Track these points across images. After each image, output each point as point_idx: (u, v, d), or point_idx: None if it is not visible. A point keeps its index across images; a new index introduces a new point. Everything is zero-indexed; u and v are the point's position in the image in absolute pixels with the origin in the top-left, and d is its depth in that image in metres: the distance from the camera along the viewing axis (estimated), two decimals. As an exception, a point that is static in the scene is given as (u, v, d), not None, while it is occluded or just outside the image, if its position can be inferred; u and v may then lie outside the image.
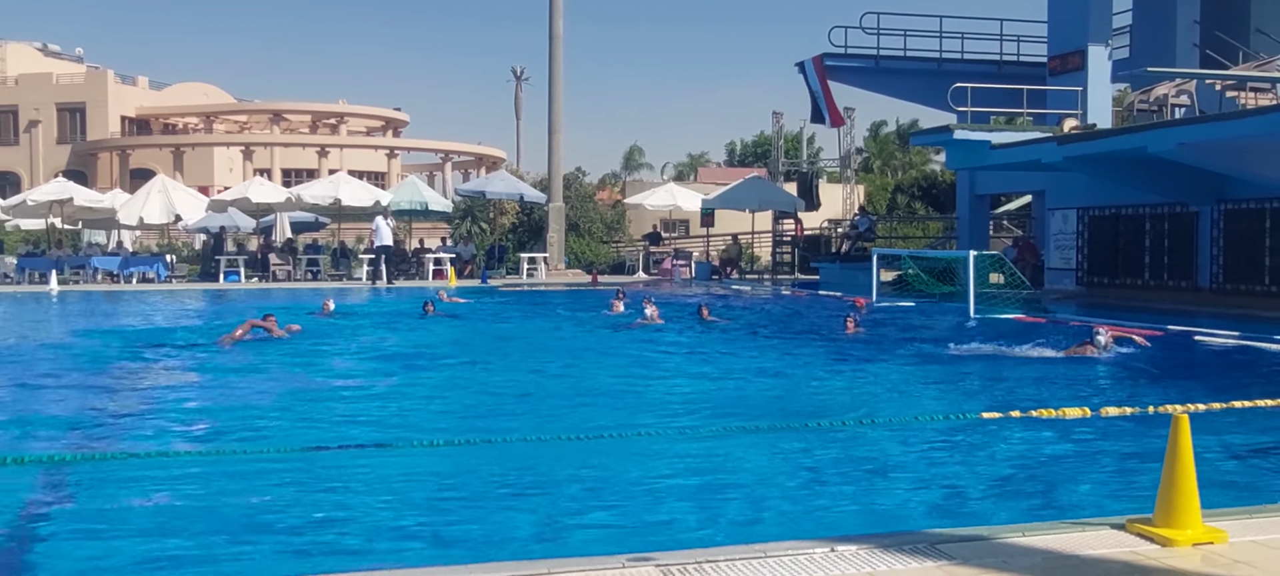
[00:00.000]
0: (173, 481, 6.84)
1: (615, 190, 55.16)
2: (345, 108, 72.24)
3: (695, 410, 10.01)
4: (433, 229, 44.93)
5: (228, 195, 33.24)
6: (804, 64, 31.69)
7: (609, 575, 4.39)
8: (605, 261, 38.34)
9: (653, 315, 17.56)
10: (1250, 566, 4.50)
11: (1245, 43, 23.90)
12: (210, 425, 9.10)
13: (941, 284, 21.76)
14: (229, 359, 13.40)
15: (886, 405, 10.38)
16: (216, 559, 5.45)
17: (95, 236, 37.87)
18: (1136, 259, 23.39)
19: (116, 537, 5.73)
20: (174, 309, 22.70)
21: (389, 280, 29.35)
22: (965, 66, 29.38)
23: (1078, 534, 4.95)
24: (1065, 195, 25.24)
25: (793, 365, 13.35)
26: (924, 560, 4.55)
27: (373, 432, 8.84)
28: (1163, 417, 6.69)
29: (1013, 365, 12.98)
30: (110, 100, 65.16)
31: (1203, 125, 19.42)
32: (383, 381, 11.84)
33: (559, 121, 35.26)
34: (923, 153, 57.21)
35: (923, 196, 47.58)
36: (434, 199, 36.45)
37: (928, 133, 27.84)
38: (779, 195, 36.27)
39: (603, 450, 7.52)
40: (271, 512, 6.22)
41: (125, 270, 30.34)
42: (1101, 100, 25.25)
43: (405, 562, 5.07)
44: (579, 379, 12.17)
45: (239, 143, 65.93)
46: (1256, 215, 20.57)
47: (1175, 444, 4.85)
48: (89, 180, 55.77)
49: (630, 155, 74.74)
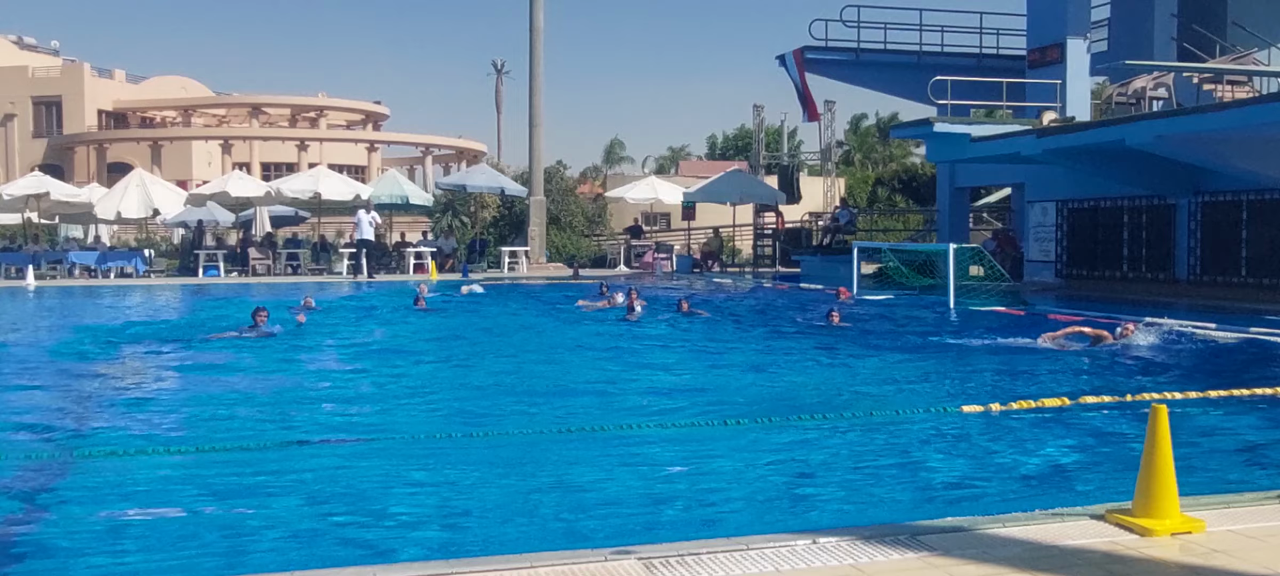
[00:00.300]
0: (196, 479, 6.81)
1: (596, 183, 55.10)
2: (325, 101, 71.87)
3: (675, 402, 10.02)
4: (413, 223, 44.77)
5: (206, 189, 33.04)
6: (785, 57, 31.73)
7: (591, 568, 4.39)
8: (586, 255, 38.31)
9: (637, 307, 17.57)
10: (1227, 555, 4.54)
11: (1222, 36, 24.06)
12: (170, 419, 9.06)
13: (922, 276, 21.85)
14: (216, 355, 13.34)
15: (868, 397, 10.41)
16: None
17: (73, 231, 37.61)
18: (1115, 251, 23.54)
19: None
20: (162, 303, 22.57)
21: (370, 274, 29.26)
22: (945, 60, 29.47)
23: (1057, 524, 4.99)
24: (1045, 188, 25.37)
25: (773, 357, 13.37)
26: (905, 551, 4.57)
27: (354, 426, 8.82)
28: (1140, 406, 6.75)
29: (991, 355, 13.04)
30: (87, 94, 64.62)
31: (1180, 118, 19.56)
32: (365, 376, 11.81)
33: (540, 115, 35.20)
34: (903, 145, 57.37)
35: (903, 189, 47.72)
36: (414, 193, 36.31)
37: (908, 126, 27.93)
38: (760, 188, 36.33)
39: (583, 443, 7.52)
40: (245, 510, 6.20)
41: (103, 265, 30.15)
42: (1080, 93, 25.39)
43: (385, 559, 5.05)
44: (559, 372, 12.16)
45: (217, 136, 65.51)
46: (1233, 207, 20.74)
47: (1153, 434, 4.88)
48: (66, 174, 55.22)
49: (611, 148, 74.87)
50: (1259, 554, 4.55)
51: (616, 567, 4.39)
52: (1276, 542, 4.71)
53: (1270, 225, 19.97)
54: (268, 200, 33.15)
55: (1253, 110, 17.83)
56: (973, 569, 4.35)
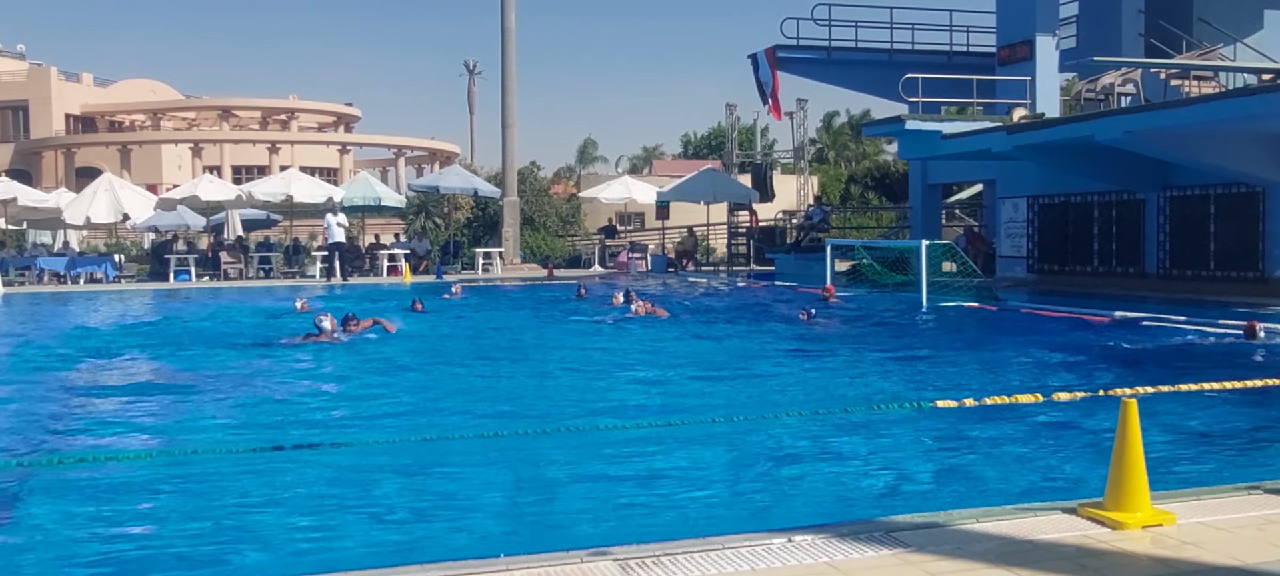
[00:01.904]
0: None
1: (570, 184, 54.98)
2: (296, 103, 71.50)
3: (650, 402, 10.02)
4: (386, 225, 44.60)
5: (177, 193, 32.74)
6: (757, 56, 31.82)
7: (567, 569, 4.38)
8: (561, 255, 38.26)
9: (640, 308, 17.59)
10: (1198, 547, 4.59)
11: (1188, 32, 24.31)
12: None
13: (895, 273, 21.96)
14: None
15: (842, 393, 10.46)
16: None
17: (41, 236, 37.19)
18: (1085, 246, 23.74)
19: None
20: (144, 308, 22.37)
21: (344, 277, 29.10)
22: (916, 57, 29.62)
23: (1030, 519, 5.02)
24: (1016, 184, 25.55)
25: (749, 355, 13.39)
26: (880, 548, 4.59)
27: (331, 431, 8.77)
28: (1112, 400, 6.80)
29: (964, 350, 13.12)
30: (54, 97, 64.02)
31: (1148, 113, 19.74)
32: (354, 381, 11.75)
33: (512, 115, 35.13)
34: (875, 143, 57.56)
35: (876, 186, 47.93)
36: (387, 194, 36.18)
37: (880, 123, 28.06)
38: (733, 187, 36.40)
39: (559, 444, 7.51)
40: (220, 513, 6.16)
41: (72, 270, 29.84)
42: (1049, 89, 25.58)
43: (361, 562, 5.02)
44: (536, 372, 12.13)
45: (187, 140, 65.05)
46: (1201, 201, 20.95)
47: (1124, 428, 4.93)
48: (33, 179, 54.75)
49: (585, 148, 74.67)
50: (1228, 545, 4.61)
51: (593, 568, 4.39)
52: (1246, 534, 4.77)
53: (1238, 219, 20.19)
54: (239, 204, 32.92)
55: (1219, 105, 18.01)
56: (947, 564, 4.38)
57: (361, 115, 76.37)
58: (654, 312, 17.97)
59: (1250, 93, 18.21)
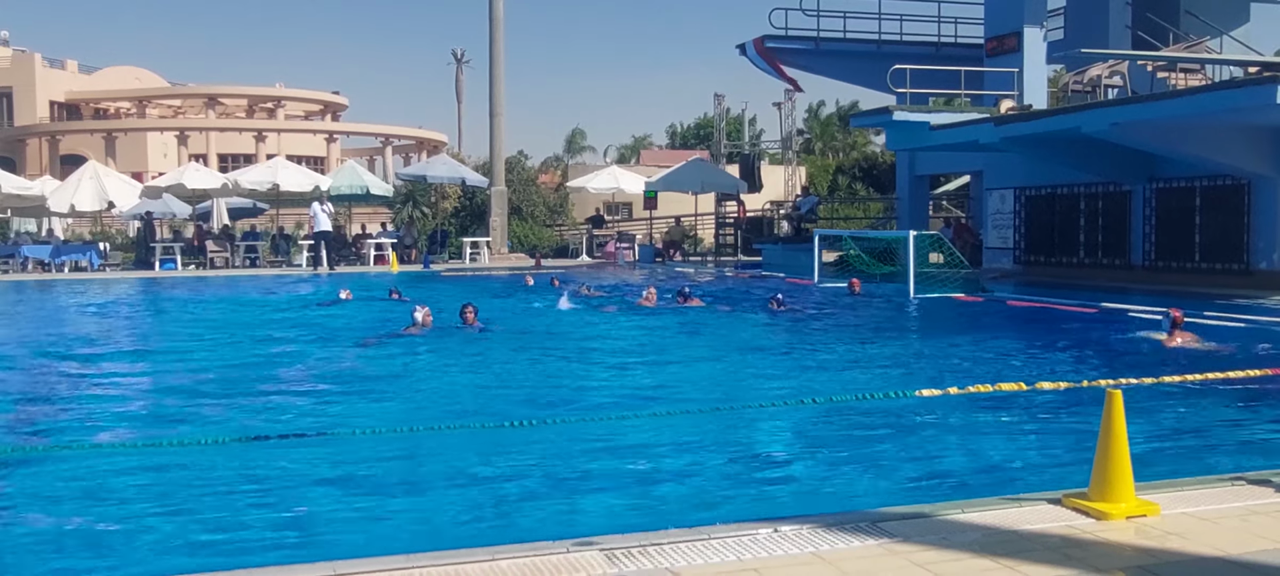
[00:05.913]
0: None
1: (558, 173, 54.87)
2: (283, 91, 71.19)
3: (638, 393, 10.02)
4: (374, 214, 44.46)
5: (162, 181, 32.60)
6: (745, 46, 31.80)
7: (553, 559, 4.38)
8: (548, 245, 38.20)
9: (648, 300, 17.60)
10: (1182, 537, 4.62)
11: (1175, 24, 24.37)
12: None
13: (882, 264, 22.00)
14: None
15: (828, 384, 10.47)
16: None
17: (25, 225, 36.96)
18: (1072, 238, 23.81)
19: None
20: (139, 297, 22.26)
21: (331, 266, 29.01)
22: (904, 48, 29.67)
23: (1015, 509, 5.04)
24: (1003, 175, 25.61)
25: (736, 345, 13.39)
26: (866, 538, 4.60)
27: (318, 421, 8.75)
28: (1097, 391, 6.82)
29: (949, 340, 13.15)
30: (38, 85, 63.63)
31: (1135, 105, 19.79)
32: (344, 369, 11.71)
33: (500, 104, 35.02)
34: (863, 134, 57.66)
35: (863, 177, 47.93)
36: (374, 183, 36.07)
37: (868, 114, 28.08)
38: (721, 177, 36.38)
39: (546, 436, 7.50)
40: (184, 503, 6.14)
41: (57, 259, 29.66)
42: (1037, 81, 25.64)
43: (345, 553, 5.01)
44: (526, 365, 12.12)
45: (173, 127, 64.73)
46: (1186, 193, 21.03)
47: (1109, 419, 4.95)
48: (17, 167, 54.40)
49: (573, 138, 74.57)
50: (1211, 535, 4.63)
51: (579, 559, 4.38)
52: (1228, 524, 4.80)
53: (1223, 211, 20.27)
54: (225, 192, 32.77)
55: (1206, 97, 18.07)
56: (933, 554, 4.39)
57: (349, 104, 76.20)
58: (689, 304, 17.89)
59: (1236, 85, 18.26)
